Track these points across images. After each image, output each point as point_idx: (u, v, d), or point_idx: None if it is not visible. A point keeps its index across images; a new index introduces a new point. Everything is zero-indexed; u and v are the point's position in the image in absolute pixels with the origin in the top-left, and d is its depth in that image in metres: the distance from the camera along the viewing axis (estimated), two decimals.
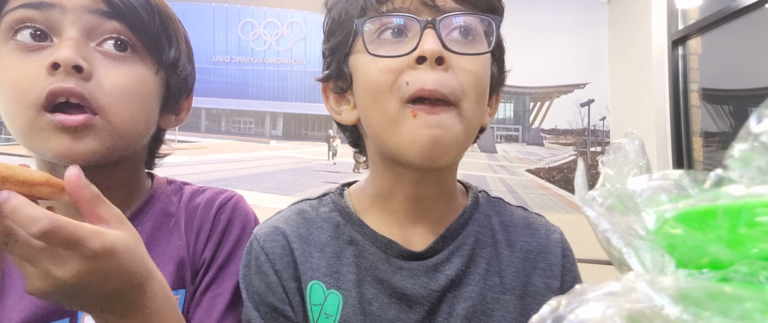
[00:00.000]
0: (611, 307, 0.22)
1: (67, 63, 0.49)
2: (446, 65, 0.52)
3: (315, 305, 0.58)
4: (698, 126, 2.32)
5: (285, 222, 0.62)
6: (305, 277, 0.59)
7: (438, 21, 0.52)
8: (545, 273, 0.62)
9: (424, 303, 0.57)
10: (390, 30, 0.54)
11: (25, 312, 0.53)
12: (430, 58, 0.51)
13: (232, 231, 0.65)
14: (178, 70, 0.63)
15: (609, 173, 0.32)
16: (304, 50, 2.97)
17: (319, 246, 0.60)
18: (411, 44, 0.52)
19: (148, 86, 0.58)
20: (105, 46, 0.54)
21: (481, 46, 0.55)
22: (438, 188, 0.61)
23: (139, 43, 0.57)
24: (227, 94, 2.94)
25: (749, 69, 2.09)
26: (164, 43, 0.59)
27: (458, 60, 0.53)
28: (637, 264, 0.27)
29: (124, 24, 0.55)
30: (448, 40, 0.52)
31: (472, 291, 0.59)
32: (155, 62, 0.59)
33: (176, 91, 0.64)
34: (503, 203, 0.68)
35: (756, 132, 0.27)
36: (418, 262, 0.59)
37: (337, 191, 0.66)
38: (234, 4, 2.94)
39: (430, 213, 0.62)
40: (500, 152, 2.94)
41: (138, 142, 0.60)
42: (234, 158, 2.92)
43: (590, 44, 2.86)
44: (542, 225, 0.66)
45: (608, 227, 0.28)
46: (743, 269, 0.23)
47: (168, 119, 0.66)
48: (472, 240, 0.61)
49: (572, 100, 2.90)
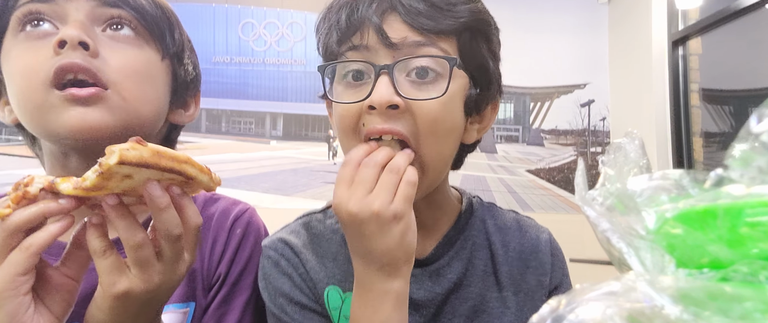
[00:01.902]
0: (611, 307, 0.22)
1: (73, 39, 0.50)
2: (402, 109, 0.51)
3: (333, 309, 0.60)
4: (698, 126, 2.32)
5: (294, 236, 0.64)
6: (321, 284, 0.60)
7: (392, 67, 0.51)
8: (537, 271, 0.65)
9: (430, 306, 0.60)
10: (350, 72, 0.54)
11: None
12: (378, 108, 0.51)
13: (246, 247, 0.66)
14: (184, 62, 0.64)
15: (609, 172, 0.32)
16: (305, 51, 2.97)
17: (331, 255, 0.63)
18: (367, 89, 0.52)
19: (156, 68, 0.59)
20: (110, 30, 0.56)
21: (441, 83, 0.53)
22: (424, 200, 0.60)
23: (142, 27, 0.58)
24: (227, 94, 2.94)
25: (749, 69, 2.09)
26: (166, 29, 0.61)
27: (414, 103, 0.52)
28: (637, 264, 0.27)
29: (127, 9, 0.56)
30: (404, 84, 0.52)
31: (473, 292, 0.62)
32: (160, 48, 0.60)
33: (184, 83, 0.65)
34: (496, 207, 0.72)
35: (756, 132, 0.27)
36: (421, 268, 0.61)
37: None
38: (234, 4, 2.94)
39: (423, 221, 0.62)
40: (500, 152, 2.94)
41: (152, 125, 0.60)
42: (234, 159, 2.92)
43: (590, 45, 2.86)
44: (532, 227, 0.70)
45: (608, 227, 0.28)
46: (743, 269, 0.23)
47: (178, 114, 0.66)
48: (470, 244, 0.65)
49: (572, 100, 2.90)
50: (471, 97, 0.57)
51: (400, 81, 0.52)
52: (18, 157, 2.67)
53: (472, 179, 2.84)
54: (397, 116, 0.52)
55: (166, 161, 0.38)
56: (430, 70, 0.52)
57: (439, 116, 0.53)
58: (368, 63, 0.52)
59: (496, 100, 0.62)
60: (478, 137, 0.61)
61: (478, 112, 0.59)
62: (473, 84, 0.57)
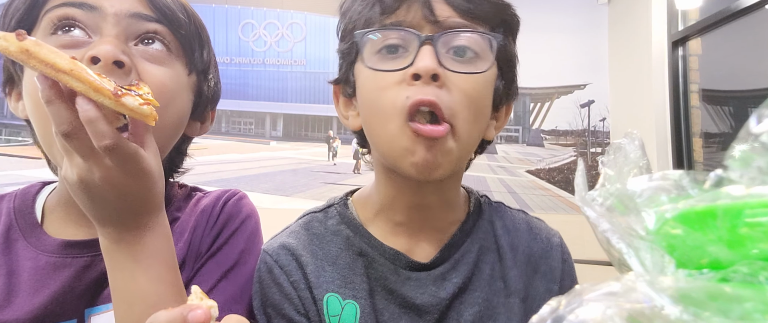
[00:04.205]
0: (611, 307, 0.22)
1: (108, 58, 0.49)
2: (442, 82, 0.52)
3: (332, 316, 0.58)
4: (698, 127, 2.32)
5: (295, 238, 0.63)
6: (320, 290, 0.59)
7: (436, 37, 0.52)
8: (546, 277, 0.63)
9: (434, 311, 0.59)
10: (390, 44, 0.54)
11: (34, 312, 0.53)
12: (424, 76, 0.51)
13: (231, 224, 0.64)
14: (209, 78, 0.64)
15: (609, 173, 0.32)
16: (305, 51, 2.97)
17: (331, 259, 0.61)
18: (408, 60, 0.52)
19: (182, 84, 0.59)
20: (142, 45, 0.55)
21: (481, 64, 0.54)
22: (440, 198, 0.61)
23: (175, 42, 0.57)
24: (227, 95, 2.94)
25: (749, 70, 2.09)
26: (196, 46, 0.60)
27: (454, 78, 0.53)
28: (637, 264, 0.27)
29: (165, 24, 0.56)
30: (445, 57, 0.53)
31: (479, 297, 0.60)
32: (188, 64, 0.60)
33: (206, 99, 0.65)
34: (505, 207, 0.69)
35: (756, 132, 0.27)
36: (425, 272, 0.60)
37: (342, 201, 0.66)
38: (234, 4, 2.95)
39: (434, 222, 0.62)
40: (500, 152, 2.94)
41: (169, 138, 0.60)
42: (234, 159, 2.92)
43: (590, 45, 2.87)
44: (543, 230, 0.68)
45: (608, 228, 0.28)
46: (743, 269, 0.23)
47: (193, 127, 0.66)
48: (476, 247, 0.63)
49: (572, 101, 2.90)
50: (498, 90, 0.58)
51: (443, 55, 0.52)
52: (18, 157, 2.67)
53: (472, 179, 2.84)
54: (436, 89, 0.52)
55: (36, 62, 0.38)
56: (469, 49, 0.54)
57: (476, 94, 0.54)
58: (412, 32, 0.53)
59: (511, 100, 0.63)
60: (494, 136, 0.62)
61: (497, 109, 0.61)
62: (501, 77, 0.59)
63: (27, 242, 0.56)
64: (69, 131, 0.40)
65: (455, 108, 0.52)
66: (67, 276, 0.54)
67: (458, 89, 0.53)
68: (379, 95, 0.54)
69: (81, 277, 0.55)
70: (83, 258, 0.56)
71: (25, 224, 0.58)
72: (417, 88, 0.51)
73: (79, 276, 0.55)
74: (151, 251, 0.48)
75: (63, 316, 0.54)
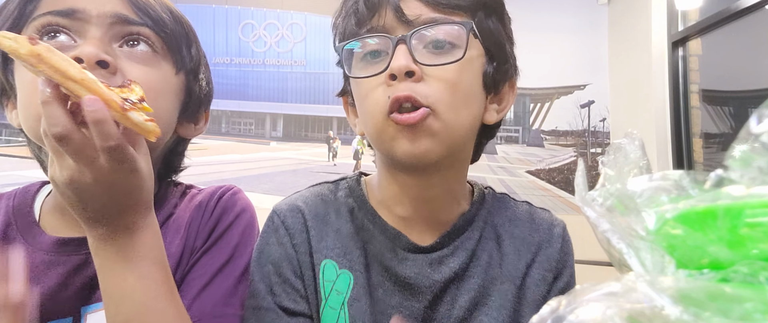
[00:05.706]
0: (611, 307, 0.22)
1: (90, 59, 0.50)
2: (418, 77, 0.54)
3: (327, 281, 0.61)
4: (698, 127, 2.32)
5: (304, 202, 0.66)
6: (319, 255, 0.62)
7: (408, 37, 0.54)
8: (543, 266, 0.65)
9: (427, 292, 0.61)
10: (371, 50, 0.57)
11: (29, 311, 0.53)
12: (399, 75, 0.54)
13: (226, 218, 0.65)
14: (199, 78, 0.64)
15: (609, 173, 0.32)
16: (305, 51, 2.98)
17: (334, 227, 0.64)
18: (386, 62, 0.55)
19: (169, 84, 0.59)
20: (126, 47, 0.55)
21: (457, 52, 0.55)
22: (444, 190, 0.63)
23: (160, 42, 0.58)
24: (227, 95, 2.94)
25: (749, 70, 2.09)
26: (183, 44, 0.61)
27: (431, 70, 0.54)
28: (638, 265, 0.27)
29: (148, 25, 0.56)
30: (422, 53, 0.55)
31: (475, 283, 0.62)
32: (175, 63, 0.60)
33: (197, 99, 0.65)
34: (508, 198, 0.71)
35: (756, 133, 0.27)
36: (423, 255, 0.62)
37: (355, 178, 0.69)
38: (234, 5, 2.95)
39: (438, 215, 0.64)
40: (500, 153, 2.94)
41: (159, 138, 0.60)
42: (234, 160, 2.92)
43: (590, 45, 2.87)
44: (545, 220, 0.69)
45: (608, 228, 0.28)
46: (743, 269, 0.23)
47: (187, 128, 0.66)
48: (476, 235, 0.64)
49: (572, 101, 2.90)
50: (488, 73, 0.59)
51: (419, 51, 0.54)
52: (18, 158, 2.67)
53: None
54: (413, 84, 0.54)
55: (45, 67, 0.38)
56: (446, 42, 0.55)
57: (456, 80, 0.55)
58: (385, 36, 0.55)
59: (513, 78, 0.64)
60: (498, 118, 0.63)
61: (496, 91, 0.61)
62: (489, 60, 0.59)
63: (24, 240, 0.56)
64: (62, 133, 0.40)
65: (434, 95, 0.54)
66: (61, 273, 0.55)
67: (437, 79, 0.55)
68: (366, 99, 0.57)
69: (75, 274, 0.55)
70: (78, 256, 0.56)
71: (22, 223, 0.58)
72: (395, 86, 0.54)
73: (73, 274, 0.55)
74: (141, 250, 0.48)
75: (58, 313, 0.54)
